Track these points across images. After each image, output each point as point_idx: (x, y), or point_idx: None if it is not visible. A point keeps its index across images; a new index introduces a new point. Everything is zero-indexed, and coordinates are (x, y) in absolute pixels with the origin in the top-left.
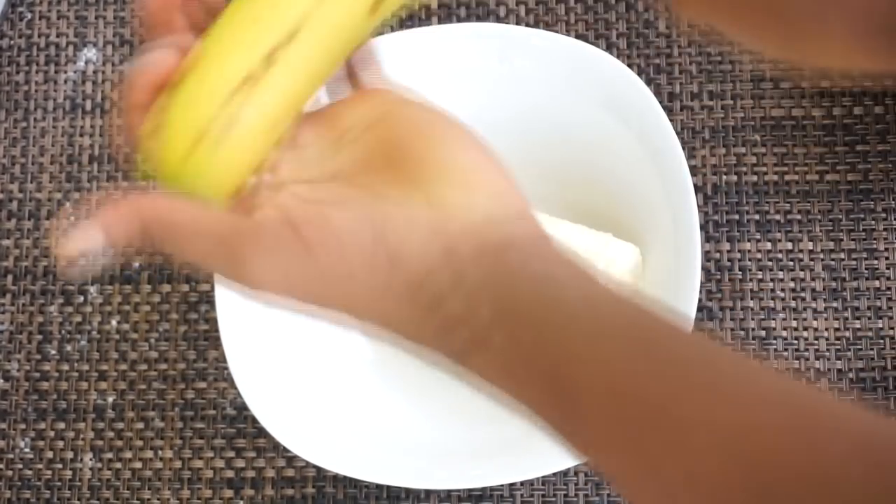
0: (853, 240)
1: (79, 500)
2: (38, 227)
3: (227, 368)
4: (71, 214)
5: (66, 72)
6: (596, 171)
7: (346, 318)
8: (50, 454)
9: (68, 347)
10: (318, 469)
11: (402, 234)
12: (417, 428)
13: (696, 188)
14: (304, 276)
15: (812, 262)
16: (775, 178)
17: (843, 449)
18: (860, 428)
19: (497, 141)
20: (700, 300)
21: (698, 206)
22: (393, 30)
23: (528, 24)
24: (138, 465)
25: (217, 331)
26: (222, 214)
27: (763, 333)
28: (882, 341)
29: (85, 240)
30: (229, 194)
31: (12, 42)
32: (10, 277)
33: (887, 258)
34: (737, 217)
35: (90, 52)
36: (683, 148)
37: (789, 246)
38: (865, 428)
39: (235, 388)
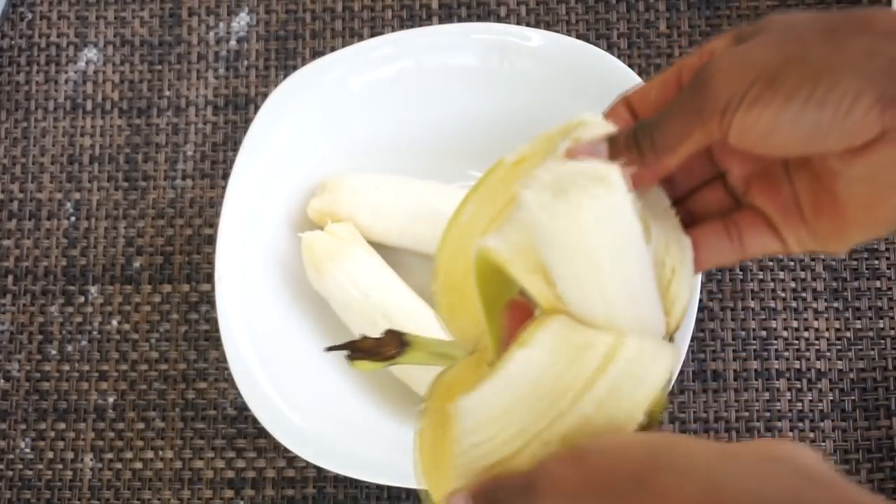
0: None
1: (79, 500)
2: (38, 227)
3: (227, 369)
4: None
5: (66, 72)
6: None
7: None
8: (50, 454)
9: (69, 348)
10: (319, 469)
11: None
12: None
13: None
14: None
15: (813, 262)
16: None
17: None
18: None
19: (497, 141)
20: (701, 300)
21: None
22: (393, 30)
23: (528, 24)
24: (139, 465)
25: (217, 331)
26: None
27: (764, 333)
28: (883, 341)
29: None
30: None
31: (13, 42)
32: (10, 278)
33: (888, 258)
34: None
35: (91, 53)
36: None
37: None
38: None
39: (236, 389)
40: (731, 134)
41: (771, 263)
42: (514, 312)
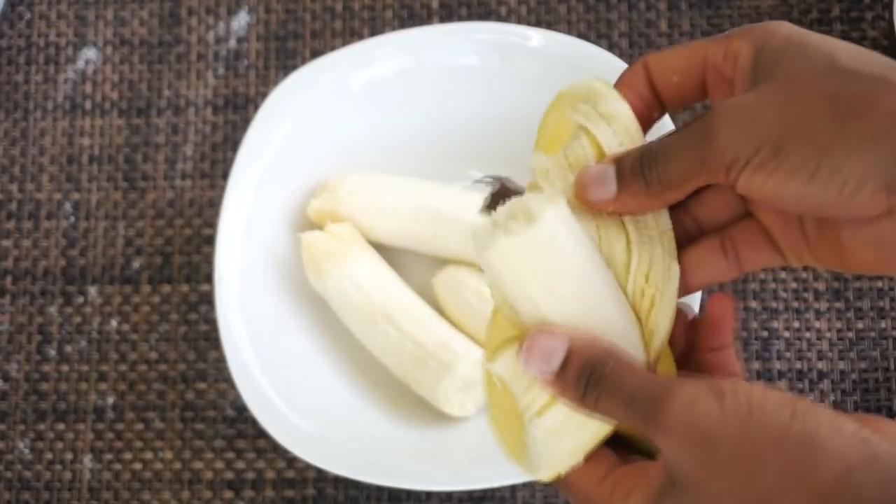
0: None
1: (78, 501)
2: (37, 227)
3: (227, 369)
4: None
5: (65, 72)
6: None
7: None
8: (49, 455)
9: (68, 348)
10: (319, 470)
11: None
12: (419, 429)
13: None
14: None
15: None
16: None
17: None
18: None
19: (498, 140)
20: (703, 301)
21: None
22: (394, 29)
23: (529, 24)
24: (138, 466)
25: (217, 331)
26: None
27: (766, 334)
28: (885, 342)
29: None
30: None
31: (12, 42)
32: (9, 278)
33: None
34: None
35: (90, 52)
36: None
37: None
38: None
39: (235, 389)
40: (738, 187)
41: None
42: None
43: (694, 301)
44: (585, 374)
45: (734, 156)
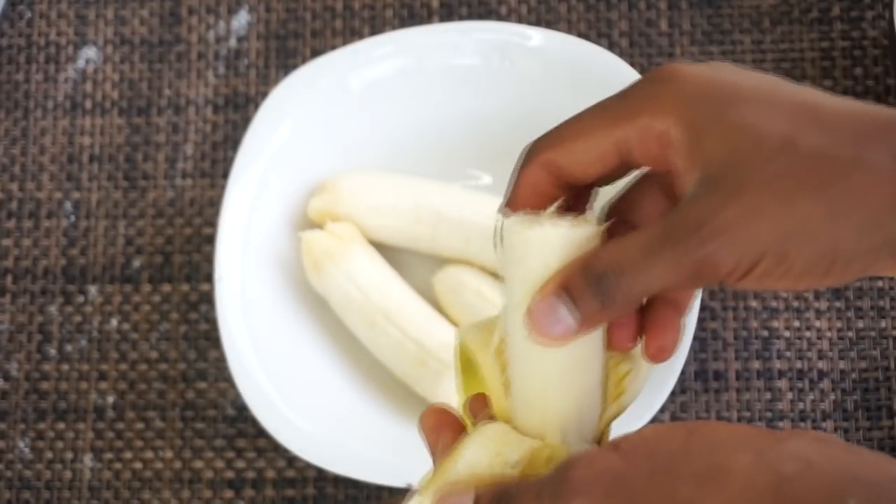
0: None
1: (78, 500)
2: (38, 226)
3: (227, 368)
4: None
5: (66, 71)
6: None
7: None
8: (50, 454)
9: (69, 347)
10: (319, 470)
11: None
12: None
13: None
14: None
15: None
16: None
17: None
18: None
19: (498, 140)
20: (703, 300)
21: None
22: (395, 28)
23: (529, 23)
24: (139, 465)
25: (217, 331)
26: None
27: (766, 333)
28: (885, 341)
29: None
30: None
31: (12, 41)
32: (10, 277)
33: None
34: None
35: (90, 51)
36: None
37: None
38: None
39: (236, 389)
40: (734, 286)
41: None
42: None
43: (694, 301)
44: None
45: (732, 267)
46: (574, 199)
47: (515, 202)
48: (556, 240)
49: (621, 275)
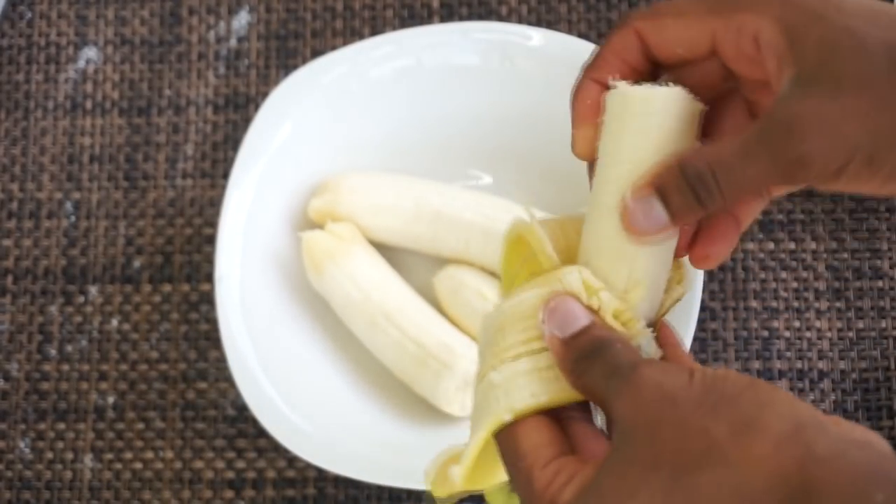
0: (856, 239)
1: (79, 500)
2: (38, 226)
3: (227, 369)
4: None
5: (66, 71)
6: None
7: None
8: (50, 455)
9: (69, 348)
10: (320, 470)
11: None
12: (419, 429)
13: None
14: None
15: (815, 262)
16: None
17: None
18: None
19: (498, 140)
20: (703, 301)
21: None
22: (394, 29)
23: (529, 23)
24: (139, 465)
25: (218, 331)
26: None
27: (766, 334)
28: (885, 341)
29: None
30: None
31: (13, 41)
32: (10, 277)
33: (890, 258)
34: None
35: (91, 52)
36: None
37: (792, 246)
38: None
39: (236, 389)
40: (822, 187)
41: (773, 264)
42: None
43: (695, 301)
44: (587, 351)
45: (823, 166)
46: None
47: (600, 62)
48: (677, 102)
49: (718, 174)
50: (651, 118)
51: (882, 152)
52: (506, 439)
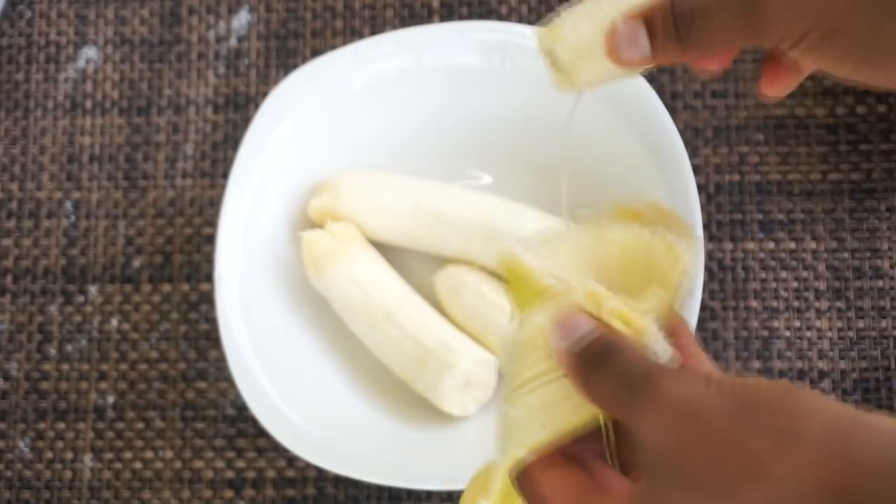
0: (857, 239)
1: (78, 500)
2: (38, 226)
3: (227, 368)
4: None
5: (66, 70)
6: (597, 170)
7: None
8: (50, 454)
9: (69, 347)
10: (320, 470)
11: None
12: (419, 428)
13: (699, 188)
14: None
15: (815, 262)
16: (778, 177)
17: None
18: None
19: (498, 140)
20: (703, 300)
21: (701, 206)
22: (395, 28)
23: (530, 23)
24: (139, 465)
25: (217, 330)
26: None
27: (766, 333)
28: (886, 341)
29: None
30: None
31: (12, 40)
32: (10, 277)
33: (891, 257)
34: (740, 216)
35: (90, 51)
36: (686, 147)
37: (792, 245)
38: None
39: (236, 388)
40: (786, 55)
41: (773, 263)
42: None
43: (695, 301)
44: (595, 357)
45: (785, 31)
46: None
47: None
48: None
49: (699, 19)
50: None
51: (837, 33)
52: (526, 485)
